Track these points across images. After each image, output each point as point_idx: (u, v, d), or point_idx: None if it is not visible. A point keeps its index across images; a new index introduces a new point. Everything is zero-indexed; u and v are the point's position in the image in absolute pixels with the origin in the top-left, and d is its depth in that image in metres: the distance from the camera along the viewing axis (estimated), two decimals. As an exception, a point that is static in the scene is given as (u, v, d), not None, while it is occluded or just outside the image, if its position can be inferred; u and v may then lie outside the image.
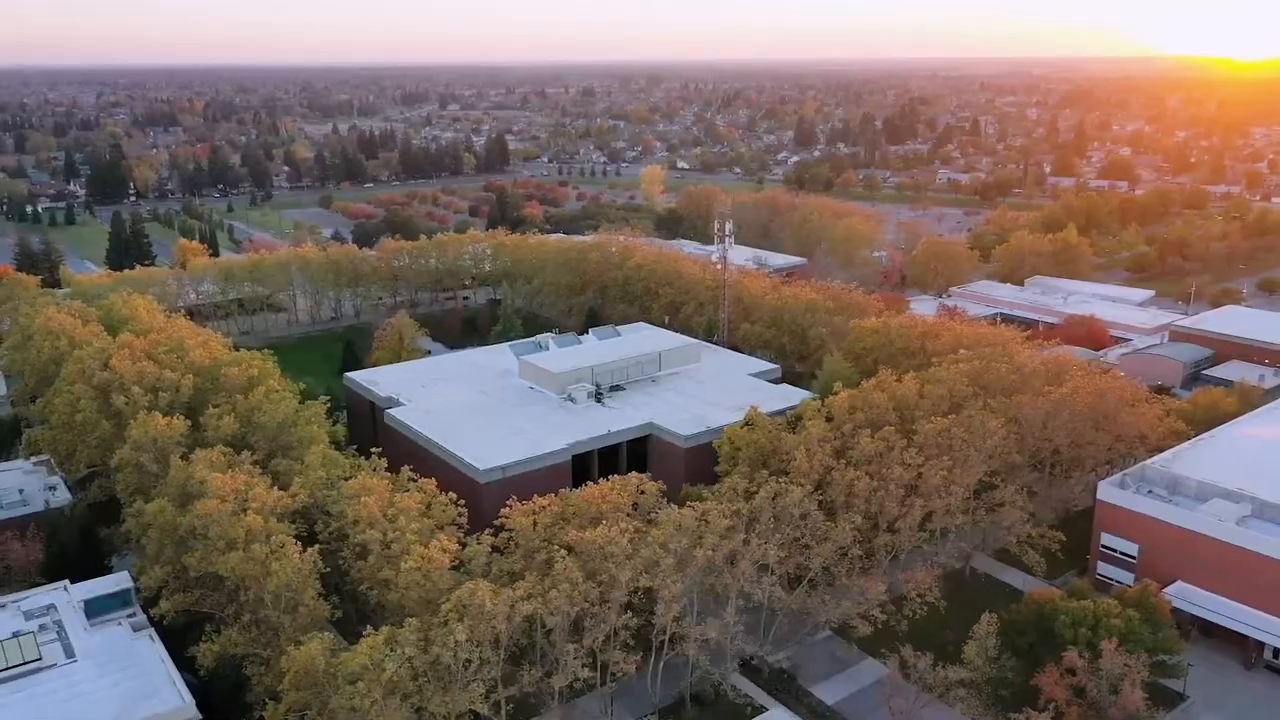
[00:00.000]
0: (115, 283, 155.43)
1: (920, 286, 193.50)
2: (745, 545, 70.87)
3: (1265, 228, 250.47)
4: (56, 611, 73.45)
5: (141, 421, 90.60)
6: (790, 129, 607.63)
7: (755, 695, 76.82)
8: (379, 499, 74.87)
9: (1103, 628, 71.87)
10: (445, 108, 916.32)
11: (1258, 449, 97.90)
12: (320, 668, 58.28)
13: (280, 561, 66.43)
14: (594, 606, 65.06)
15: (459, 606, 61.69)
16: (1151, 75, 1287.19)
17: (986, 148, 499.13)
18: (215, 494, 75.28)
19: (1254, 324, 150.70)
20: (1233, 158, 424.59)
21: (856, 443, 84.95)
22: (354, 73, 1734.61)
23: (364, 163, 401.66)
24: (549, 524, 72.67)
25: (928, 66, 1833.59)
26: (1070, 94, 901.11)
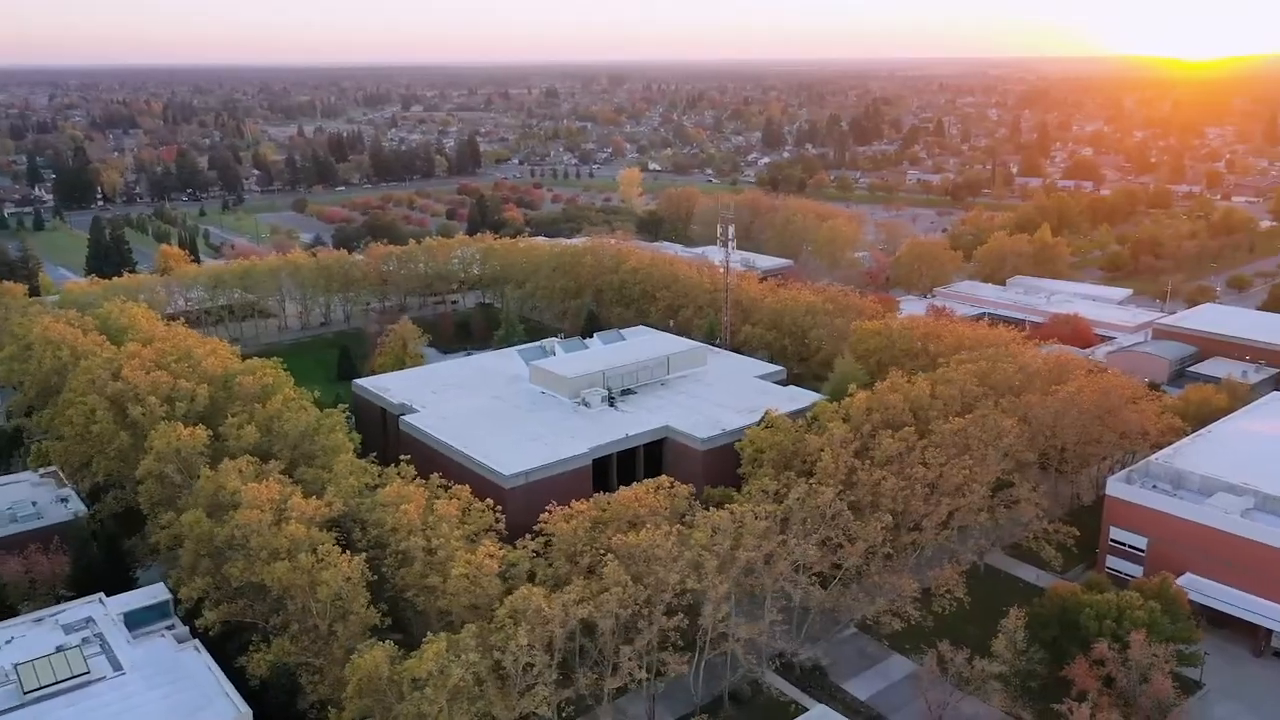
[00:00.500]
0: (106, 290, 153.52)
1: (904, 287, 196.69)
2: (782, 546, 72.47)
3: (1230, 227, 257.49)
4: (95, 625, 73.21)
5: (163, 432, 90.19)
6: (757, 130, 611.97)
7: (789, 692, 78.56)
8: (418, 506, 75.61)
9: (1126, 619, 74.51)
10: (409, 109, 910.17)
11: (1255, 444, 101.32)
12: (384, 675, 58.92)
13: (330, 570, 66.90)
14: (643, 608, 66.32)
15: (514, 611, 62.76)
16: (1105, 75, 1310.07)
17: (952, 148, 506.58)
18: (250, 504, 75.57)
19: (1233, 321, 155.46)
20: (1191, 158, 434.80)
21: (878, 443, 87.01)
22: (312, 73, 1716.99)
23: (335, 165, 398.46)
24: (588, 528, 73.78)
25: (885, 67, 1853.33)
26: (1028, 94, 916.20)
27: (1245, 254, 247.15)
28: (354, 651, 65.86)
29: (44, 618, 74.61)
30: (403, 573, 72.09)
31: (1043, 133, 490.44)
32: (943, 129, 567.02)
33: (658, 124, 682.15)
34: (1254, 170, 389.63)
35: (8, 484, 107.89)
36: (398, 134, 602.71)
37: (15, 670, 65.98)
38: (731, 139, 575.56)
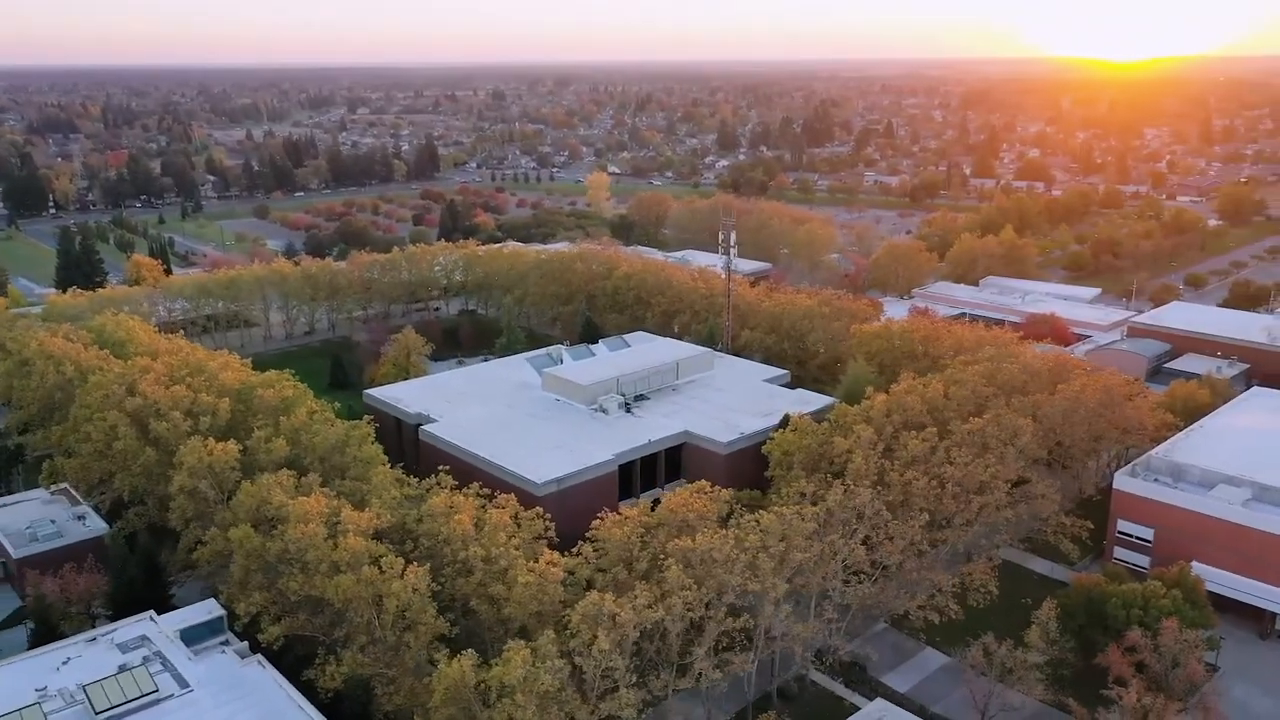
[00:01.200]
0: (93, 303, 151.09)
1: (881, 289, 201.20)
2: (830, 546, 75.01)
3: (1181, 226, 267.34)
4: (152, 643, 72.95)
5: (192, 448, 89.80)
6: (710, 132, 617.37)
7: (832, 687, 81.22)
8: (470, 515, 76.73)
9: (1152, 607, 78.47)
10: (355, 112, 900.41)
11: (1246, 437, 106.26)
12: (471, 682, 60.11)
13: (398, 582, 67.79)
14: (708, 610, 68.35)
15: (586, 617, 64.31)
16: (1039, 77, 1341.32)
17: (903, 150, 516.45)
18: (300, 518, 76.03)
19: (1203, 319, 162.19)
20: (1133, 159, 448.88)
21: (903, 444, 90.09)
22: (250, 75, 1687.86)
23: (292, 171, 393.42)
24: (643, 533, 75.60)
25: (826, 68, 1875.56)
26: (969, 96, 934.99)
27: (1197, 253, 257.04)
28: (426, 661, 67.22)
29: (97, 637, 74.13)
30: (460, 582, 73.09)
31: (991, 135, 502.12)
32: (892, 131, 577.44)
33: (610, 126, 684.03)
34: (1194, 171, 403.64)
35: (19, 503, 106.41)
36: (349, 138, 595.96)
37: (84, 691, 65.75)
38: (686, 141, 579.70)
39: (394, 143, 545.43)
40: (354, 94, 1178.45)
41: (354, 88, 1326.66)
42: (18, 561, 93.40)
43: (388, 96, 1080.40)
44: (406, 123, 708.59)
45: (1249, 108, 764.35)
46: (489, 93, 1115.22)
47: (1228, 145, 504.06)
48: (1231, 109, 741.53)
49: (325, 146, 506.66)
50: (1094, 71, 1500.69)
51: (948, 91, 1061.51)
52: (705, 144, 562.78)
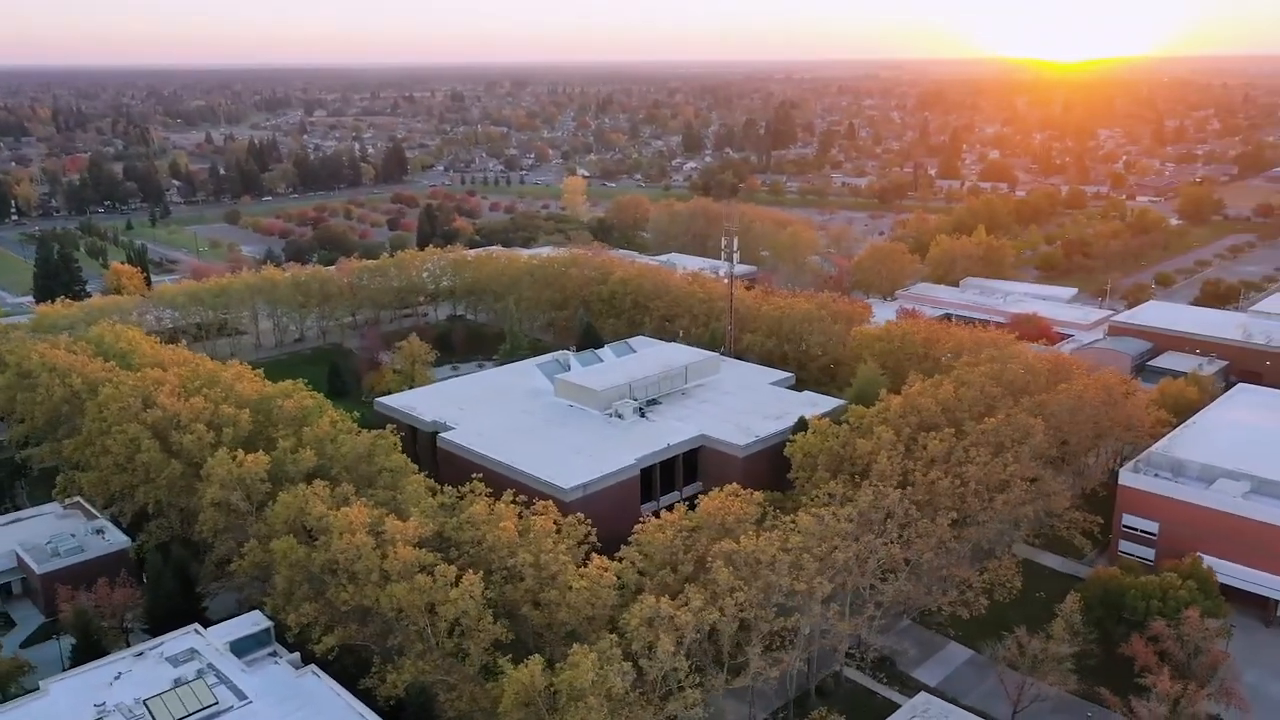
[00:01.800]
0: (86, 313, 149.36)
1: (864, 290, 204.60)
2: (867, 545, 77.32)
3: (1145, 226, 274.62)
4: (200, 655, 73.29)
5: (221, 459, 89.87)
6: (673, 134, 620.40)
7: (866, 683, 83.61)
8: (514, 523, 77.89)
9: (1170, 598, 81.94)
10: (312, 114, 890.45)
11: (1239, 432, 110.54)
12: (540, 686, 61.40)
13: (455, 589, 68.82)
14: (759, 610, 70.27)
15: (644, 620, 65.89)
16: (989, 77, 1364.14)
17: (867, 151, 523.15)
18: (344, 528, 76.70)
19: (1180, 317, 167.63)
20: (1090, 159, 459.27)
21: (922, 445, 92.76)
22: (198, 75, 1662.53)
23: (259, 175, 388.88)
24: (685, 536, 77.29)
25: (780, 69, 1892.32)
26: (925, 97, 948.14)
27: (1162, 252, 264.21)
28: (485, 666, 68.36)
29: (144, 651, 74.24)
30: (507, 589, 74.22)
31: (953, 136, 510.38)
32: (854, 132, 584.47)
33: (573, 128, 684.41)
34: (1150, 171, 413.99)
35: (33, 517, 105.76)
36: (310, 141, 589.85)
37: (145, 706, 66.07)
38: (651, 143, 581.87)
39: (358, 146, 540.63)
40: (309, 95, 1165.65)
41: (308, 89, 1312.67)
42: (41, 577, 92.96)
43: (344, 98, 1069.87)
44: (367, 125, 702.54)
45: (1194, 108, 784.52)
46: (447, 94, 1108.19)
47: (1179, 146, 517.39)
48: (1179, 110, 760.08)
49: (288, 150, 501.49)
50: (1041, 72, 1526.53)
51: (903, 93, 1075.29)
52: (670, 146, 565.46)
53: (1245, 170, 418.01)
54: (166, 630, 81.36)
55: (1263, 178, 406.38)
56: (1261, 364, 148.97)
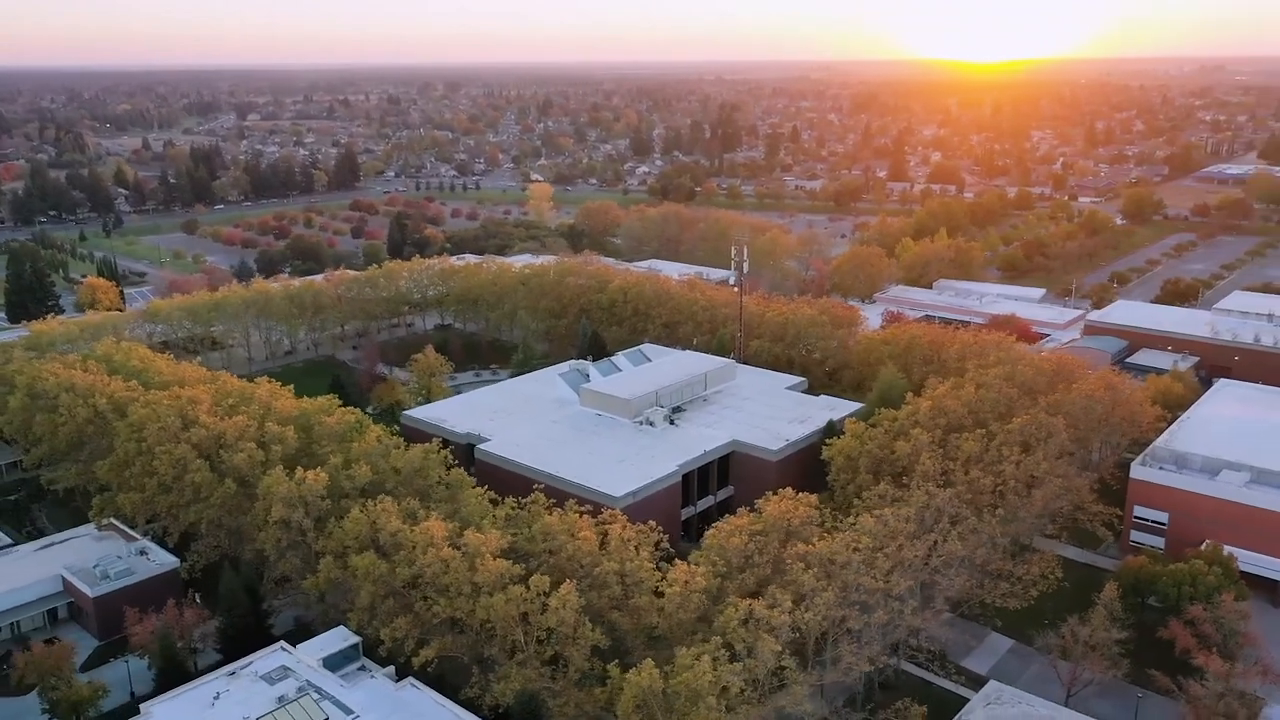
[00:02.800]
0: (85, 330, 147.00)
1: (842, 293, 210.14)
2: (931, 543, 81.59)
3: (1095, 226, 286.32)
4: (294, 673, 74.38)
5: (278, 478, 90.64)
6: (619, 137, 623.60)
7: (922, 675, 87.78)
8: (593, 532, 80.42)
9: (1200, 584, 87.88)
10: (245, 118, 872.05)
11: (1231, 425, 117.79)
12: (659, 689, 64.11)
13: (554, 598, 71.16)
14: (844, 609, 73.92)
15: (742, 623, 69.04)
16: (914, 79, 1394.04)
17: (812, 154, 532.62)
18: (427, 542, 78.48)
19: (1151, 315, 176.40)
20: (1029, 161, 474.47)
21: (957, 445, 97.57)
22: (119, 77, 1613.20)
23: (209, 183, 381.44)
24: (757, 539, 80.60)
25: (712, 70, 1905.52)
26: (859, 99, 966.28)
27: (1112, 251, 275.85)
28: (586, 672, 70.85)
29: (236, 671, 75.13)
30: (592, 596, 76.62)
31: (898, 139, 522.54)
32: (798, 135, 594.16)
33: (518, 132, 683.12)
34: (1087, 172, 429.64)
35: (68, 540, 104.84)
36: (251, 146, 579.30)
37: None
38: (599, 147, 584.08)
39: (302, 151, 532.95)
40: (238, 99, 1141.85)
41: (235, 91, 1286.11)
42: (95, 600, 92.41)
43: (276, 101, 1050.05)
44: (306, 129, 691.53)
45: (1117, 110, 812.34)
46: (383, 97, 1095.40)
47: (1110, 147, 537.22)
48: (1103, 111, 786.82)
49: (231, 156, 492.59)
50: (964, 73, 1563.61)
51: (837, 95, 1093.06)
52: (619, 149, 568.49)
53: (1175, 171, 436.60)
54: (237, 650, 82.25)
55: (1192, 178, 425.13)
56: (1230, 359, 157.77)
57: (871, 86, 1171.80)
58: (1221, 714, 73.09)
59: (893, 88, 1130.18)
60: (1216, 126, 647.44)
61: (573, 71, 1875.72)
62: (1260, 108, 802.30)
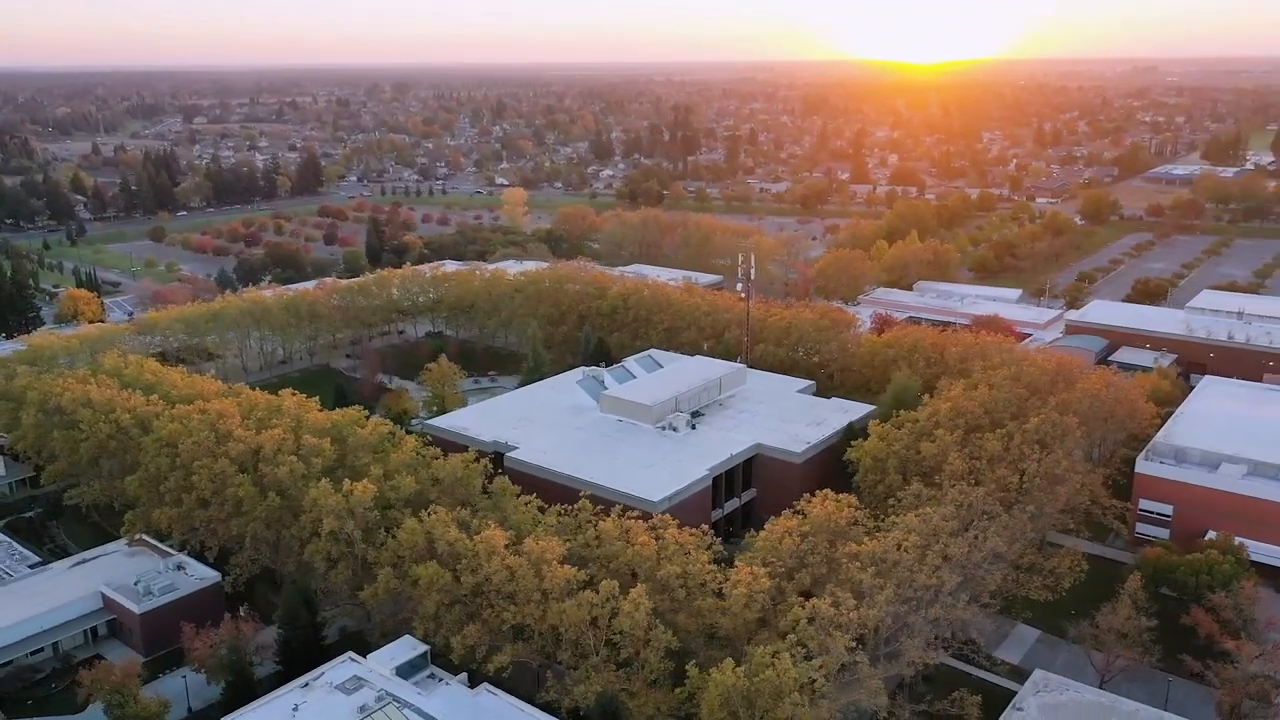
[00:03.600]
0: (85, 343, 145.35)
1: (825, 296, 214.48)
2: (971, 539, 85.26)
3: (1059, 227, 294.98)
4: (368, 683, 75.51)
5: (325, 490, 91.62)
6: (577, 140, 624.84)
7: (959, 665, 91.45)
8: (650, 537, 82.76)
9: (1216, 572, 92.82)
10: (192, 120, 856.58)
11: (1222, 420, 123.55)
12: (742, 687, 66.66)
13: (626, 603, 73.36)
14: (900, 606, 77.17)
15: (809, 620, 71.90)
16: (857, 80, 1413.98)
17: (771, 156, 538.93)
18: (489, 550, 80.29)
19: (1128, 314, 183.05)
20: (984, 162, 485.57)
21: (979, 444, 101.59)
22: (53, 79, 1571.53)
23: (171, 189, 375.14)
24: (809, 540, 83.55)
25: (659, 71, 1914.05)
26: (810, 101, 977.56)
27: (1076, 252, 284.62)
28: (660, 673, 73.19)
29: (309, 682, 76.05)
30: (657, 599, 78.87)
31: (856, 142, 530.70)
32: (755, 137, 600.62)
33: (475, 135, 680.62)
34: (1041, 174, 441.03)
35: (98, 557, 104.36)
36: (204, 151, 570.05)
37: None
38: (559, 150, 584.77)
39: (259, 156, 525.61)
40: (181, 100, 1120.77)
41: (177, 93, 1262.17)
42: (141, 617, 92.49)
43: (222, 104, 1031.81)
44: (259, 133, 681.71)
45: (1060, 111, 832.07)
46: (332, 99, 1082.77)
47: (1058, 148, 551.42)
48: (1046, 112, 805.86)
49: (187, 161, 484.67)
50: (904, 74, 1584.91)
51: (786, 96, 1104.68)
52: (579, 152, 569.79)
53: (1124, 172, 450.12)
54: (297, 663, 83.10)
55: (1140, 179, 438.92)
56: (1205, 356, 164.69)
57: (818, 88, 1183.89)
58: (1253, 695, 77.75)
59: (839, 89, 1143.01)
60: (1156, 127, 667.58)
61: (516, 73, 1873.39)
62: (1195, 109, 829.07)
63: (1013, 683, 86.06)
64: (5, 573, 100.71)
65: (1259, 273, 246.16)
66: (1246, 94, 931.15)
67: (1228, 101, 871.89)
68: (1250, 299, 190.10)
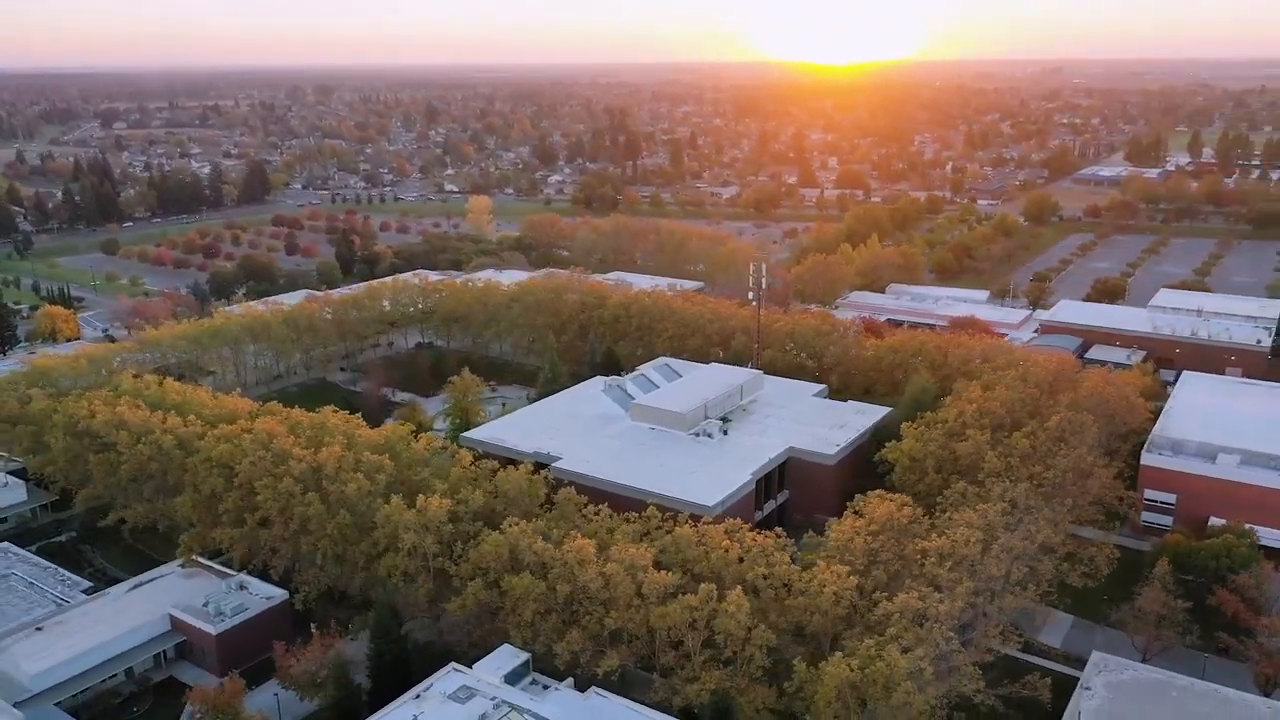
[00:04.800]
0: (93, 363, 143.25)
1: (803, 300, 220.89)
2: (1030, 533, 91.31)
3: (1008, 229, 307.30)
4: (479, 692, 78.04)
5: (397, 506, 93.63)
6: (518, 144, 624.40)
7: (1006, 650, 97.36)
8: (732, 542, 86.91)
9: (1235, 555, 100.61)
10: (110, 126, 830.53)
11: (1209, 413, 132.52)
12: (854, 680, 71.18)
13: (730, 604, 77.35)
14: (977, 597, 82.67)
15: (900, 614, 76.88)
16: (778, 81, 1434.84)
17: (715, 160, 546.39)
18: (575, 559, 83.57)
19: (1098, 314, 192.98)
20: (922, 165, 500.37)
21: (1012, 444, 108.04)
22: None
23: (115, 199, 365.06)
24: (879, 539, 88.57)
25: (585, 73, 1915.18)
26: (740, 103, 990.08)
27: (1026, 253, 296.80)
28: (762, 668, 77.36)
29: (420, 694, 78.31)
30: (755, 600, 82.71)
31: (798, 145, 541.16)
32: (695, 141, 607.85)
33: (413, 140, 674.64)
34: (977, 176, 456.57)
35: (153, 580, 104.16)
36: (135, 158, 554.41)
37: (482, 746, 70.82)
38: (501, 155, 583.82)
39: (195, 164, 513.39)
40: (94, 105, 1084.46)
41: (89, 97, 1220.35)
42: (217, 637, 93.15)
43: (141, 108, 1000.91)
44: (188, 139, 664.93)
45: (981, 112, 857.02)
46: (255, 102, 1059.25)
47: (988, 150, 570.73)
48: (968, 114, 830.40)
49: (121, 169, 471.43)
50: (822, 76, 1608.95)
51: (715, 99, 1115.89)
52: (522, 157, 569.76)
53: (1054, 173, 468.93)
54: (387, 678, 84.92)
55: (1070, 180, 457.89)
56: (1172, 352, 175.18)
57: (745, 90, 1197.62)
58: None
59: (764, 91, 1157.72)
60: (1075, 129, 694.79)
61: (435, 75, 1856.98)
62: (1107, 110, 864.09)
63: (1058, 665, 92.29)
64: (62, 599, 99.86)
65: (1199, 271, 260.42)
66: (1154, 95, 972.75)
67: (1136, 103, 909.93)
68: (1207, 297, 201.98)
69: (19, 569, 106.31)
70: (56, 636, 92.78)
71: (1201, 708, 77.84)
